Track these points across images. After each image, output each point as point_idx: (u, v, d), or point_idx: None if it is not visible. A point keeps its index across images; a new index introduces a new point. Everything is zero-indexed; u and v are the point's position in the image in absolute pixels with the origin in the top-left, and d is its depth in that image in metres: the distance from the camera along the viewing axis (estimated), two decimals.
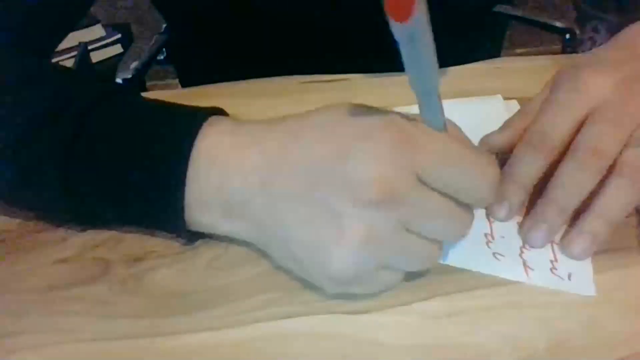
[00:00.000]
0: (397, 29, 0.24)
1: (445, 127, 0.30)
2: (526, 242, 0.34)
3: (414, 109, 0.48)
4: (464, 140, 0.31)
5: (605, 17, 1.63)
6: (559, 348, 0.29)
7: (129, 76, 0.79)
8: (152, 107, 0.34)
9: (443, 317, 0.30)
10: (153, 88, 0.84)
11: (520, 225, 0.35)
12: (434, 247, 0.30)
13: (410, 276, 0.32)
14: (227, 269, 0.33)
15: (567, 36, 0.85)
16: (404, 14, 0.24)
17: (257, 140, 0.31)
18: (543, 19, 0.87)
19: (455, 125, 0.31)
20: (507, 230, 0.35)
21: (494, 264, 0.33)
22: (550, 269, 0.33)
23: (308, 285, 0.31)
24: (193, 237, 0.34)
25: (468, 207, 0.30)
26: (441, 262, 0.33)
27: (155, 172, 0.31)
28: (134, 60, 0.81)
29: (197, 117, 0.32)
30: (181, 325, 0.30)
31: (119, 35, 1.60)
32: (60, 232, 0.36)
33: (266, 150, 0.30)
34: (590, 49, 0.44)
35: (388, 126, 0.28)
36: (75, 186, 0.32)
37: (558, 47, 0.90)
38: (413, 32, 0.25)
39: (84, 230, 0.36)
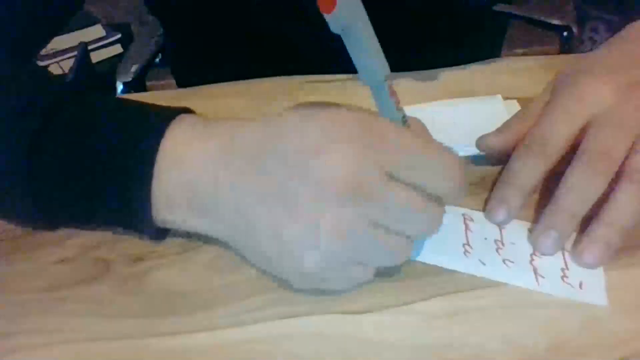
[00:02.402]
0: (328, 20, 0.25)
1: (405, 121, 0.31)
2: (536, 249, 0.34)
3: (415, 109, 0.48)
4: (426, 134, 0.32)
5: (605, 17, 1.63)
6: (559, 348, 0.29)
7: (129, 79, 0.79)
8: (120, 107, 0.34)
9: (443, 317, 0.30)
10: (153, 88, 0.84)
11: (530, 232, 0.35)
12: (404, 243, 0.30)
13: (409, 276, 0.32)
14: (227, 269, 0.33)
15: (565, 34, 0.85)
16: (328, 5, 0.24)
17: (224, 138, 0.31)
18: (540, 17, 0.88)
19: (417, 120, 0.32)
20: (518, 236, 0.35)
21: (504, 271, 0.33)
22: (561, 277, 0.32)
23: None
24: (160, 234, 0.34)
25: (438, 204, 0.30)
26: (449, 267, 0.33)
27: (122, 170, 0.31)
28: (134, 63, 0.81)
29: (165, 116, 0.32)
30: (181, 325, 0.30)
31: (119, 35, 1.60)
32: (60, 232, 0.36)
33: (233, 148, 0.30)
34: (591, 49, 0.44)
35: (352, 122, 0.29)
36: (41, 185, 0.32)
37: (558, 47, 0.90)
38: (345, 23, 0.26)
39: (83, 230, 0.36)
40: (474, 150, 0.41)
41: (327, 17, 0.25)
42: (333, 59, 0.52)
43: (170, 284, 0.33)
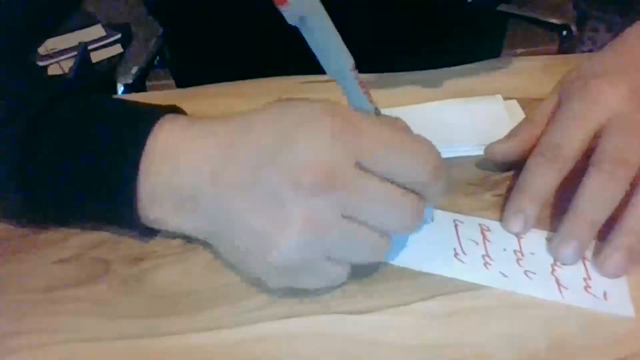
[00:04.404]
0: (283, 12, 0.26)
1: (376, 111, 0.31)
2: (557, 258, 0.33)
3: (415, 109, 0.48)
4: (403, 127, 0.32)
5: (605, 17, 1.63)
6: (559, 348, 0.29)
7: (130, 81, 0.79)
8: (109, 105, 0.34)
9: (443, 317, 0.30)
10: (153, 88, 0.84)
11: (549, 242, 0.34)
12: (381, 239, 0.30)
13: (408, 276, 0.32)
14: (227, 269, 0.33)
15: (565, 33, 0.85)
16: None
17: (209, 134, 0.31)
18: (540, 16, 0.88)
19: (398, 118, 0.32)
20: (537, 246, 0.34)
21: (526, 283, 0.32)
22: (584, 288, 0.31)
23: None
24: (149, 233, 0.34)
25: (417, 198, 0.29)
26: (470, 280, 0.32)
27: (109, 166, 0.31)
28: (134, 64, 0.81)
29: (152, 114, 0.32)
30: (181, 325, 0.30)
31: (119, 35, 1.60)
32: (60, 232, 0.36)
33: (216, 142, 0.31)
34: (591, 49, 0.44)
35: (328, 113, 0.29)
36: (32, 181, 0.32)
37: (558, 47, 0.90)
38: (301, 14, 0.26)
39: (83, 230, 0.36)
40: (473, 151, 0.41)
41: (282, 9, 0.25)
42: None
43: (170, 284, 0.33)
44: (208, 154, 0.31)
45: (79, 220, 0.36)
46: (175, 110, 0.34)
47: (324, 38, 0.28)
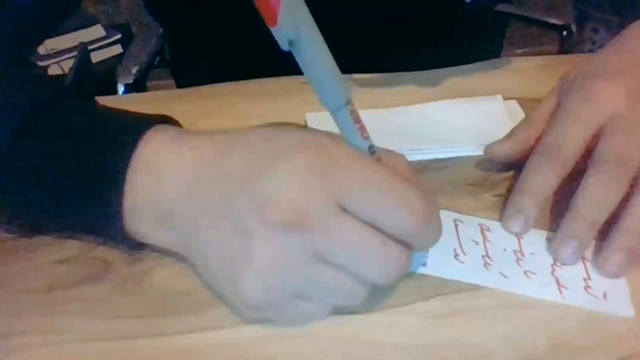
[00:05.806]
0: (275, 34, 0.24)
1: (371, 149, 0.28)
2: (557, 258, 0.33)
3: (416, 109, 0.48)
4: (400, 167, 0.29)
5: (604, 17, 1.63)
6: (559, 348, 0.29)
7: (130, 81, 0.79)
8: (98, 114, 0.33)
9: (443, 317, 0.30)
10: (153, 88, 0.84)
11: (549, 242, 0.34)
12: (356, 285, 0.28)
13: (409, 276, 0.32)
14: None
15: (564, 33, 0.86)
16: (272, 18, 0.23)
17: (192, 151, 0.30)
18: (540, 16, 0.88)
19: (399, 154, 0.30)
20: (537, 246, 0.34)
21: (526, 283, 0.32)
22: (585, 288, 0.31)
23: None
24: (135, 246, 0.33)
25: (402, 248, 0.27)
26: (470, 281, 0.32)
27: (95, 179, 0.30)
28: (135, 64, 0.81)
29: (140, 125, 0.31)
30: (181, 325, 0.30)
31: (119, 35, 1.60)
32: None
33: (198, 161, 0.30)
34: (591, 49, 0.44)
35: (308, 146, 0.27)
36: (16, 191, 0.32)
37: (557, 47, 0.90)
38: (292, 38, 0.24)
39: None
40: (473, 151, 0.41)
41: (274, 30, 0.24)
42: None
43: (170, 284, 0.33)
44: (186, 172, 0.30)
45: (62, 230, 0.35)
46: (166, 119, 0.33)
47: (318, 67, 0.26)
